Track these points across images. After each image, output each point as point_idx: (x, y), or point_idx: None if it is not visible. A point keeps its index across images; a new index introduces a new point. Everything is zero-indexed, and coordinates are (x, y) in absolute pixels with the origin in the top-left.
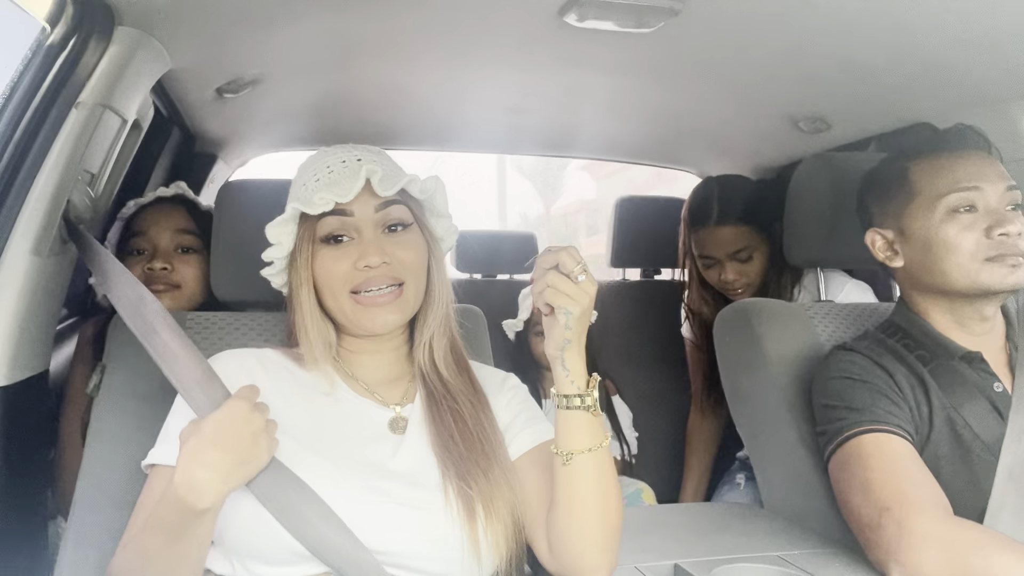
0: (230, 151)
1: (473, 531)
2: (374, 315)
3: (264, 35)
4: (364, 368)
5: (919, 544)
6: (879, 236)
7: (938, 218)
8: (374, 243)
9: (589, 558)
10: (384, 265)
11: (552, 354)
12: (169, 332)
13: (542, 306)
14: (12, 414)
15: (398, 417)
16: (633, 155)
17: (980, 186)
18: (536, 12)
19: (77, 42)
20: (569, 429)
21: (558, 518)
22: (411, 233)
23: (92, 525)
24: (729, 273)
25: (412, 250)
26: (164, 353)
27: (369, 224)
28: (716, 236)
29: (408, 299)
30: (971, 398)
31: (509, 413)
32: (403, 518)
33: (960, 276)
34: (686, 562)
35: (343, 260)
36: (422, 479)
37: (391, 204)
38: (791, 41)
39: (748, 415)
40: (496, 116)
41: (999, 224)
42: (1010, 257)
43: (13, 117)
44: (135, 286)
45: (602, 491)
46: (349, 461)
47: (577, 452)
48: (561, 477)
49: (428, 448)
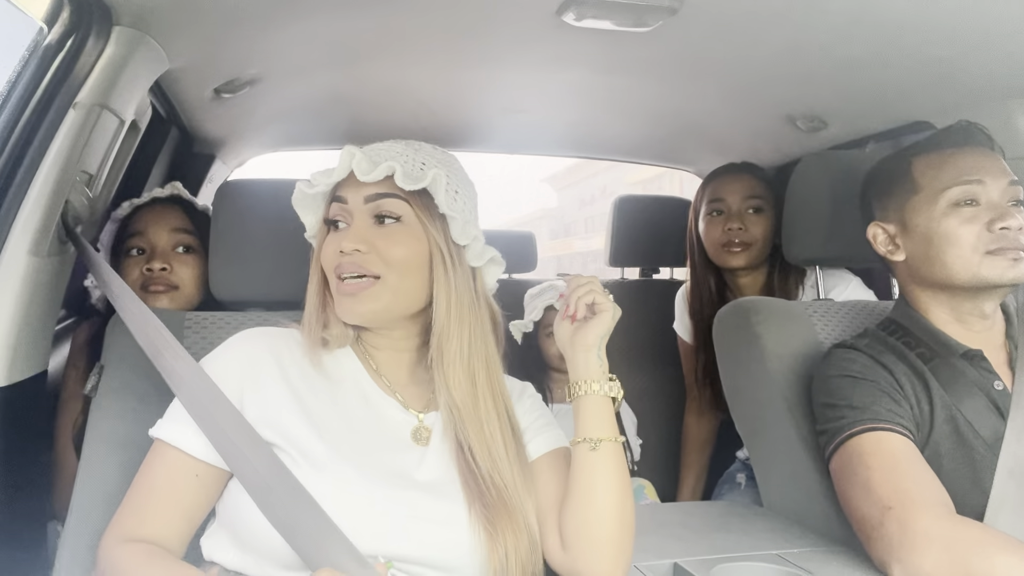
0: (228, 151)
1: (495, 550)
2: (345, 303)
3: (262, 35)
4: (386, 365)
5: (921, 543)
6: (881, 230)
7: (940, 211)
8: (356, 231)
9: (605, 554)
10: (357, 253)
11: (590, 343)
12: (172, 354)
13: (581, 308)
14: (11, 415)
15: (421, 427)
16: (631, 154)
17: (982, 180)
18: (534, 12)
19: (74, 42)
20: (598, 417)
21: (576, 510)
22: (403, 227)
23: (90, 526)
24: (735, 221)
25: (399, 244)
26: (171, 374)
27: (360, 212)
28: (732, 181)
29: (381, 295)
30: (971, 396)
31: (527, 419)
32: (426, 531)
33: (961, 269)
34: (686, 561)
35: (332, 244)
36: (446, 492)
37: (383, 196)
38: (789, 40)
39: (747, 414)
40: (494, 116)
41: (1001, 218)
42: (1011, 251)
43: (11, 118)
44: (133, 300)
45: (621, 482)
46: (375, 470)
47: (606, 439)
48: (585, 466)
49: (451, 463)
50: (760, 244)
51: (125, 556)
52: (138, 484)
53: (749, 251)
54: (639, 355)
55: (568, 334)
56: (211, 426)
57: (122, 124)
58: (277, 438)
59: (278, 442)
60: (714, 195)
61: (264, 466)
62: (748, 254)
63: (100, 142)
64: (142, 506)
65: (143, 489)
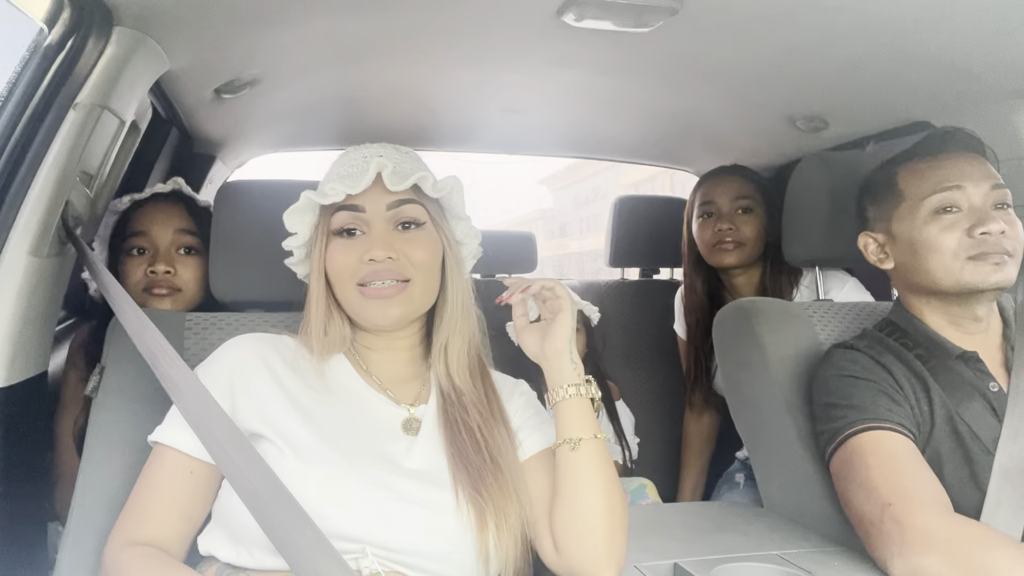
0: (228, 152)
1: (483, 538)
2: (378, 307)
3: (262, 36)
4: (378, 365)
5: (921, 541)
6: (871, 240)
7: (922, 219)
8: (382, 238)
9: (596, 551)
10: (390, 260)
11: (560, 348)
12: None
13: (546, 313)
14: (11, 415)
15: (412, 418)
16: (631, 154)
17: (962, 186)
18: (534, 12)
19: (75, 43)
20: (575, 417)
21: (564, 509)
22: (424, 232)
23: (91, 527)
24: (725, 222)
25: (423, 248)
26: (167, 380)
27: (380, 220)
28: (721, 183)
29: (414, 296)
30: (968, 397)
31: (520, 417)
32: (414, 516)
33: (944, 275)
34: (686, 561)
35: (351, 253)
36: (435, 480)
37: (405, 203)
38: (789, 40)
39: (748, 414)
40: (494, 116)
41: (981, 223)
42: (993, 255)
43: (11, 118)
44: (131, 305)
45: (606, 478)
46: (362, 456)
47: (586, 438)
48: (568, 465)
49: (441, 451)
50: (751, 243)
51: (126, 559)
52: (138, 488)
53: (741, 250)
54: (639, 355)
55: (537, 344)
56: (205, 433)
57: (122, 124)
58: (266, 429)
59: (266, 433)
60: (705, 197)
61: (255, 475)
62: (740, 253)
63: (100, 143)
64: (142, 509)
65: (143, 492)
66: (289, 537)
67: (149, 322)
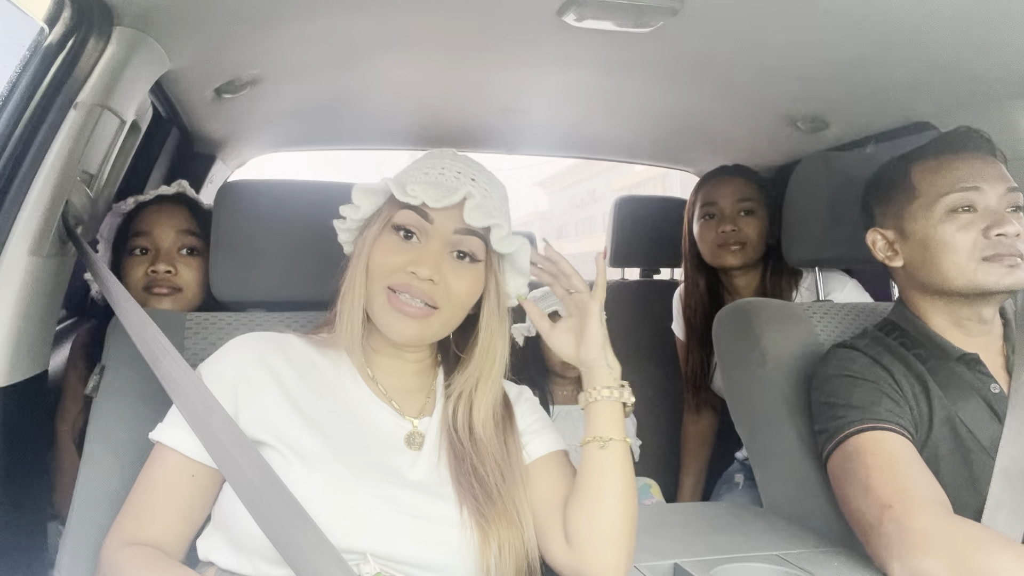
0: (229, 151)
1: (486, 554)
2: (398, 321)
3: (262, 35)
4: (384, 372)
5: (920, 542)
6: (880, 236)
7: (937, 217)
8: (434, 257)
9: (611, 551)
10: (430, 282)
11: (596, 356)
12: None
13: (571, 309)
14: (12, 415)
15: (415, 432)
16: (631, 154)
17: (980, 186)
18: (534, 12)
19: (75, 42)
20: (606, 418)
21: (584, 506)
22: (474, 269)
23: (91, 526)
24: (727, 223)
25: (465, 282)
26: (168, 379)
27: (440, 239)
28: (723, 184)
29: (434, 325)
30: (968, 399)
31: (523, 422)
32: (417, 529)
33: (957, 275)
34: (686, 561)
35: (399, 255)
36: (438, 493)
37: (471, 234)
38: (790, 40)
39: (747, 414)
40: (494, 116)
41: (997, 224)
42: (1007, 257)
43: (12, 118)
44: (132, 305)
45: (627, 482)
46: (366, 467)
47: (615, 439)
48: (595, 464)
49: (444, 465)
50: (754, 244)
51: (124, 559)
52: (138, 487)
53: (744, 250)
54: (639, 355)
55: (572, 349)
56: (206, 433)
57: (123, 124)
58: (270, 437)
59: (271, 441)
60: (706, 198)
61: (256, 475)
62: (743, 253)
63: (101, 142)
64: (141, 509)
65: (142, 492)
66: (290, 538)
67: (150, 321)
